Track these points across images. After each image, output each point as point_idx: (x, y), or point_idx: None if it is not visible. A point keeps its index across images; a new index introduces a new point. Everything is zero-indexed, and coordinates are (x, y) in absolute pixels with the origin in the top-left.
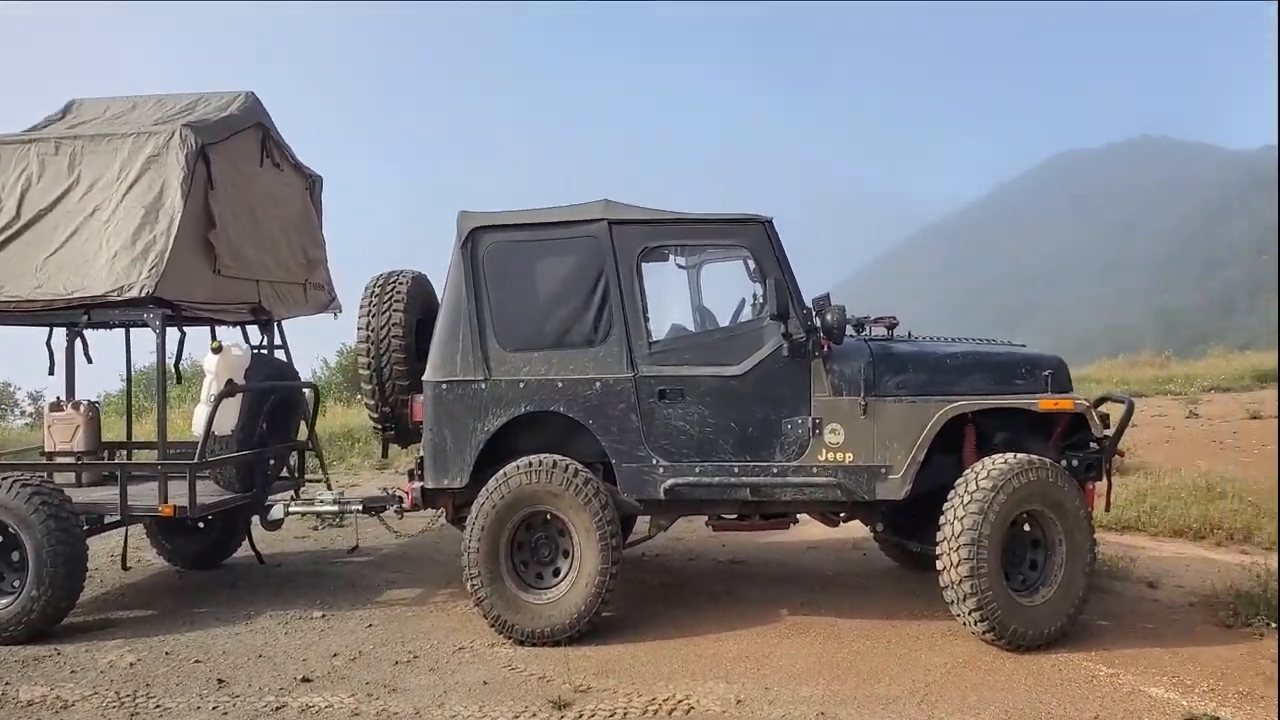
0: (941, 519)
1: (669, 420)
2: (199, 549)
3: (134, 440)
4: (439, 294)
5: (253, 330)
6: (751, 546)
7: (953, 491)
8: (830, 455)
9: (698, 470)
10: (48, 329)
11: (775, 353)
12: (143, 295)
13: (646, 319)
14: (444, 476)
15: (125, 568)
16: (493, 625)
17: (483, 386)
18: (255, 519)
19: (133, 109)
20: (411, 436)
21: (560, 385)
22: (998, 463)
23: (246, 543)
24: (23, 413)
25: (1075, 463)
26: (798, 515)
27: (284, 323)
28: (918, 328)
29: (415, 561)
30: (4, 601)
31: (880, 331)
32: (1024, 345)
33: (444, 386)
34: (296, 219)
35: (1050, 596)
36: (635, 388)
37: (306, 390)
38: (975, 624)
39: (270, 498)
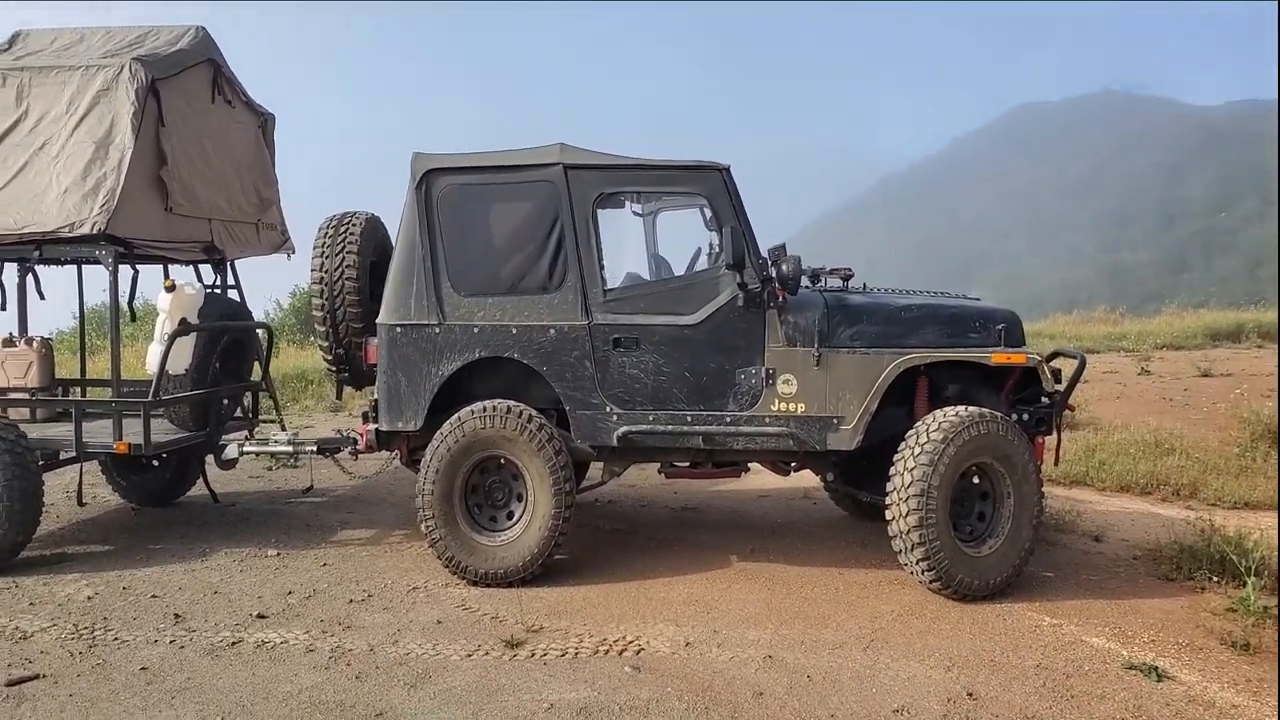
0: (892, 470)
1: (623, 368)
2: (154, 487)
3: (88, 377)
4: (393, 237)
5: (205, 270)
6: (704, 494)
7: (904, 443)
8: (783, 405)
9: (651, 418)
10: None
11: (730, 302)
12: (94, 232)
13: (602, 266)
14: (398, 420)
15: (81, 504)
16: (447, 566)
17: (436, 331)
18: (209, 458)
19: (80, 41)
20: (365, 379)
21: (514, 331)
22: (949, 415)
23: (201, 481)
24: None
25: (1026, 416)
26: (750, 464)
27: (237, 263)
28: (873, 280)
29: (369, 503)
30: None
31: (835, 283)
32: (978, 299)
33: (398, 330)
34: (249, 158)
35: (997, 548)
36: (590, 335)
37: (260, 331)
38: (922, 573)
39: (224, 437)
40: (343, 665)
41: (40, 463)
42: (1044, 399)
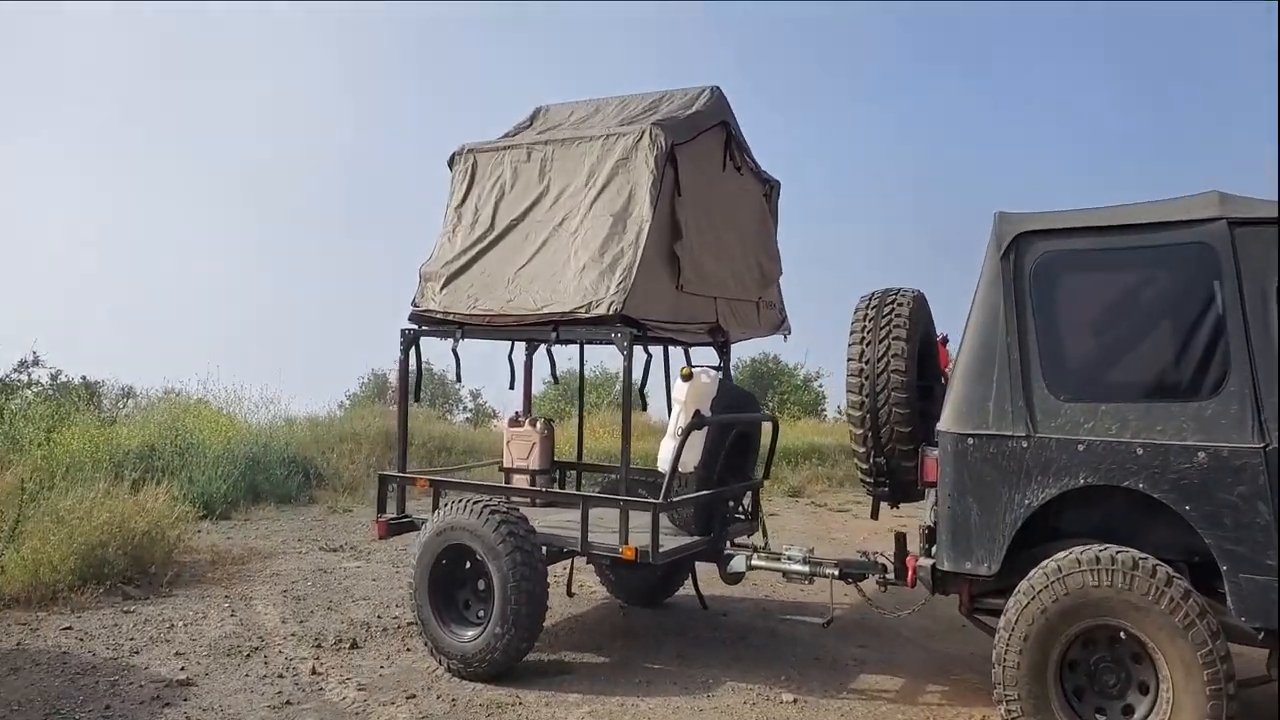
0: None
1: None
2: (643, 586)
3: (584, 461)
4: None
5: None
6: None
7: None
8: None
9: None
10: (510, 342)
11: None
12: (611, 312)
13: None
14: (965, 559)
15: (570, 594)
16: None
17: (1024, 445)
18: (707, 563)
19: (596, 112)
20: (909, 495)
21: (1140, 453)
22: None
23: (690, 583)
24: (465, 409)
25: None
26: None
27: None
28: None
29: (879, 633)
30: (470, 634)
31: None
32: None
33: (970, 441)
34: (754, 229)
35: None
36: (1266, 464)
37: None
38: None
39: (729, 545)
40: None
41: (547, 562)
42: None
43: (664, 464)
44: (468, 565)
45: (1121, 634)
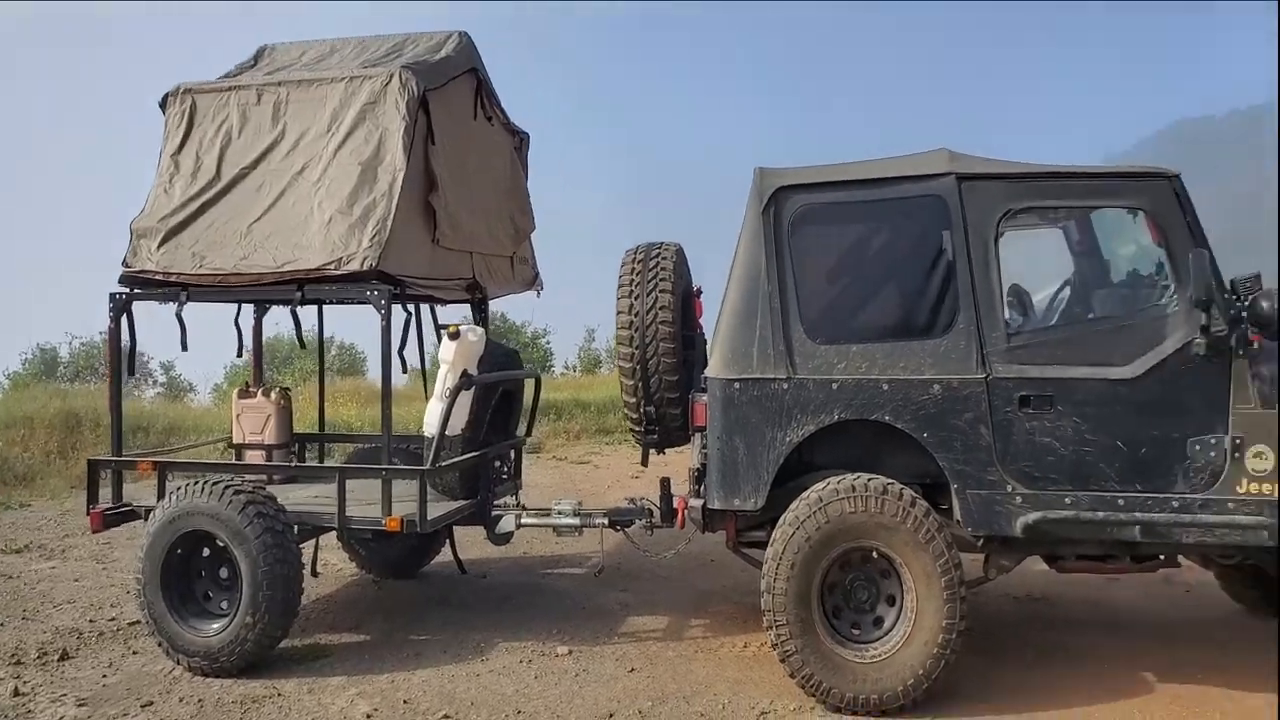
0: None
1: (1033, 435)
2: (397, 556)
3: (326, 432)
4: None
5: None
6: (1043, 579)
7: None
8: (1254, 486)
9: (1069, 501)
10: (236, 305)
11: (1182, 350)
12: (365, 268)
13: (1005, 304)
14: (734, 496)
15: (315, 574)
16: (804, 686)
17: (784, 387)
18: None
19: (332, 53)
20: (676, 440)
21: (886, 388)
22: None
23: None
24: (155, 383)
25: None
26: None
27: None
28: None
29: (638, 577)
30: (215, 627)
31: None
32: None
33: (736, 386)
34: (506, 183)
35: None
36: (988, 392)
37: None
38: None
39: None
40: None
41: (298, 541)
42: None
43: (430, 428)
44: (206, 553)
45: (874, 553)
